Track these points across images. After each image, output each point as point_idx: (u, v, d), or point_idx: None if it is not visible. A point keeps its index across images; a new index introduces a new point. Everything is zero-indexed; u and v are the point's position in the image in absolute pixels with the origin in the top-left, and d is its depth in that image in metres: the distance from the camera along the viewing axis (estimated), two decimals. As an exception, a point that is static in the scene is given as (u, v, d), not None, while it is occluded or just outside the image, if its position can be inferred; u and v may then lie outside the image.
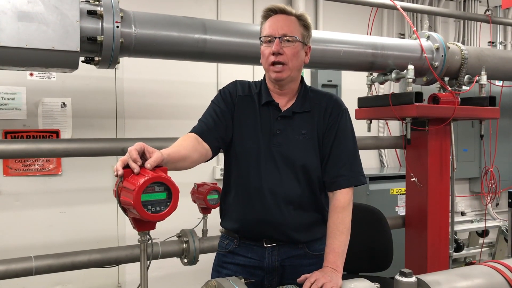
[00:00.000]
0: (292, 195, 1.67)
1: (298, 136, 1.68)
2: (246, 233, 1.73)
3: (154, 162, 1.27)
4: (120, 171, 1.25)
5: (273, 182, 1.66)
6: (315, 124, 1.70)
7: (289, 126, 1.69)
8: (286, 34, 1.63)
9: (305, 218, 1.71)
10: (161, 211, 1.21)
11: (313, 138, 1.69)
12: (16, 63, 2.07)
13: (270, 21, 1.67)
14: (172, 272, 3.56)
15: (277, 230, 1.68)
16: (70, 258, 2.54)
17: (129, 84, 3.48)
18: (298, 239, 1.71)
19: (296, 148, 1.67)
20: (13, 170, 3.15)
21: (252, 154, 1.68)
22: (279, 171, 1.66)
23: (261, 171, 1.67)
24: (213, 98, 1.77)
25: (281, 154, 1.67)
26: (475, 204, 5.08)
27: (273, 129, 1.68)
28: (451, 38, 4.86)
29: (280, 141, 1.67)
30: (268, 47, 1.65)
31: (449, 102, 3.00)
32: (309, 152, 1.68)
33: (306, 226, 1.71)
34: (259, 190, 1.66)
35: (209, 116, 1.69)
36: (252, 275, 1.68)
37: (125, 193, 1.22)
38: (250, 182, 1.68)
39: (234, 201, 1.73)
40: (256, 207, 1.67)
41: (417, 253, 3.12)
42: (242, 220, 1.71)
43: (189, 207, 2.78)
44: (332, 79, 4.08)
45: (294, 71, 1.67)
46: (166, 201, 1.22)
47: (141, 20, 2.29)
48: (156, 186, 1.21)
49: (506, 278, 1.44)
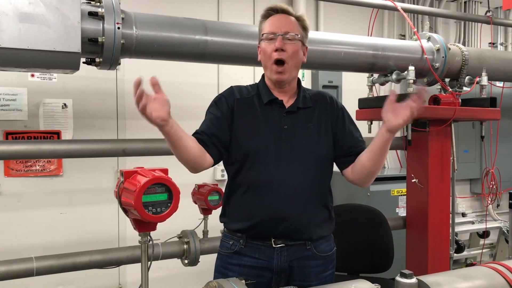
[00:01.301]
0: (303, 188, 1.69)
1: (306, 129, 1.72)
2: (255, 232, 1.71)
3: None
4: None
5: (285, 177, 1.67)
6: (322, 116, 1.76)
7: (296, 121, 1.73)
8: (288, 32, 1.67)
9: (316, 214, 1.74)
10: (162, 212, 1.22)
11: (321, 129, 1.75)
12: (17, 64, 2.07)
13: (271, 20, 1.70)
14: (173, 273, 3.56)
15: (289, 226, 1.68)
16: (71, 259, 2.53)
17: (130, 85, 3.42)
18: (309, 235, 1.72)
19: (306, 139, 1.72)
20: (14, 171, 3.16)
21: (261, 151, 1.69)
22: (290, 166, 1.68)
23: (271, 167, 1.68)
24: (209, 107, 1.78)
25: (292, 147, 1.70)
26: (476, 205, 5.07)
27: (281, 125, 1.71)
28: (452, 39, 4.86)
29: (289, 136, 1.70)
30: (270, 44, 1.67)
31: (450, 103, 3.00)
32: (319, 142, 1.73)
33: (317, 222, 1.74)
34: (270, 186, 1.67)
35: (207, 128, 1.70)
36: (259, 276, 1.68)
37: (126, 194, 1.22)
38: (261, 179, 1.68)
39: (243, 200, 1.72)
40: (267, 203, 1.67)
41: (418, 254, 3.12)
42: (251, 218, 1.70)
43: (189, 208, 2.78)
44: (332, 80, 4.08)
45: (293, 70, 1.71)
46: (167, 202, 1.23)
47: (142, 21, 2.29)
48: (157, 187, 1.22)
49: (506, 279, 1.44)
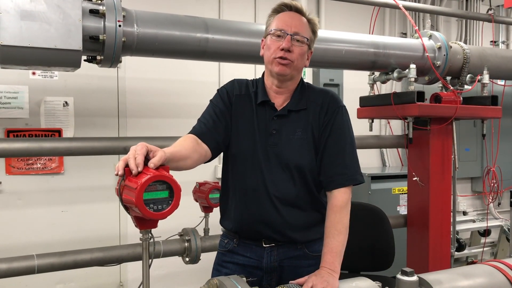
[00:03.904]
0: (288, 195, 1.65)
1: (294, 135, 1.65)
2: (244, 233, 1.72)
3: (158, 161, 1.26)
4: (121, 171, 1.23)
5: (269, 182, 1.64)
6: (311, 122, 1.67)
7: (285, 126, 1.66)
8: (298, 33, 1.61)
9: (303, 218, 1.68)
10: (163, 209, 1.22)
11: (309, 137, 1.66)
12: (18, 62, 2.07)
13: (282, 16, 1.64)
14: (174, 271, 3.57)
15: (274, 230, 1.67)
16: (72, 256, 2.54)
17: (131, 83, 3.49)
18: (296, 239, 1.69)
19: (291, 149, 1.65)
20: (16, 168, 3.16)
21: (248, 154, 1.66)
22: (274, 171, 1.65)
23: (257, 171, 1.65)
24: (212, 98, 1.75)
25: (276, 154, 1.65)
26: (477, 204, 5.07)
27: (269, 129, 1.66)
28: (453, 37, 4.85)
29: (275, 142, 1.65)
30: (277, 41, 1.61)
31: (451, 101, 3.00)
32: (304, 152, 1.66)
33: (304, 226, 1.69)
34: (255, 190, 1.65)
35: (209, 117, 1.67)
36: (250, 274, 1.67)
37: (127, 191, 1.22)
38: (246, 183, 1.67)
39: (232, 202, 1.72)
40: (253, 207, 1.66)
41: (419, 252, 3.12)
42: (240, 220, 1.71)
43: (191, 205, 2.78)
44: (334, 78, 4.07)
45: (296, 71, 1.66)
46: (168, 199, 1.23)
47: (143, 19, 2.29)
48: (158, 184, 1.21)
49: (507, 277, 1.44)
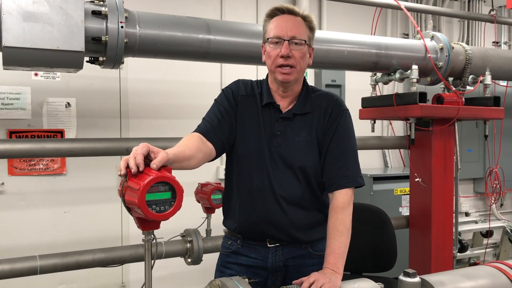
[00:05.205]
0: (293, 195, 1.66)
1: (298, 137, 1.67)
2: (249, 234, 1.72)
3: (159, 162, 1.26)
4: (123, 170, 1.24)
5: (274, 183, 1.65)
6: (315, 125, 1.68)
7: (289, 128, 1.68)
8: (295, 36, 1.60)
9: (308, 218, 1.70)
10: (165, 210, 1.22)
11: (313, 139, 1.67)
12: (21, 63, 2.08)
13: (277, 21, 1.63)
14: (176, 272, 3.57)
15: (279, 230, 1.68)
16: (75, 257, 2.55)
17: (133, 84, 3.49)
18: (301, 238, 1.70)
19: (296, 150, 1.66)
20: (18, 169, 3.17)
21: (254, 154, 1.67)
22: (280, 172, 1.66)
23: (262, 172, 1.66)
24: (217, 97, 1.75)
25: (281, 155, 1.66)
26: (479, 205, 5.06)
27: (274, 130, 1.67)
28: (455, 38, 4.85)
29: (280, 143, 1.66)
30: (275, 48, 1.60)
31: (453, 102, 2.99)
32: (308, 153, 1.67)
33: (308, 226, 1.71)
34: (260, 190, 1.66)
35: (214, 115, 1.67)
36: (255, 275, 1.68)
37: (130, 192, 1.22)
38: (251, 183, 1.67)
39: (236, 202, 1.73)
40: (258, 207, 1.67)
41: (421, 253, 3.11)
42: (244, 220, 1.71)
43: (193, 206, 2.78)
44: (336, 79, 4.07)
45: (300, 73, 1.66)
46: (171, 200, 1.23)
47: (145, 20, 2.30)
48: (160, 185, 1.21)
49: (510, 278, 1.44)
